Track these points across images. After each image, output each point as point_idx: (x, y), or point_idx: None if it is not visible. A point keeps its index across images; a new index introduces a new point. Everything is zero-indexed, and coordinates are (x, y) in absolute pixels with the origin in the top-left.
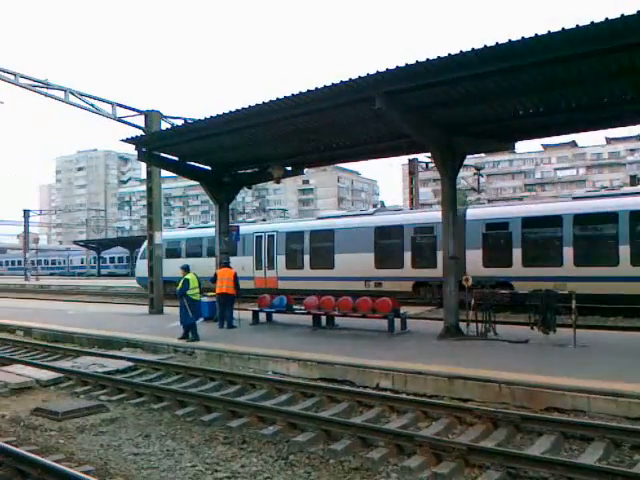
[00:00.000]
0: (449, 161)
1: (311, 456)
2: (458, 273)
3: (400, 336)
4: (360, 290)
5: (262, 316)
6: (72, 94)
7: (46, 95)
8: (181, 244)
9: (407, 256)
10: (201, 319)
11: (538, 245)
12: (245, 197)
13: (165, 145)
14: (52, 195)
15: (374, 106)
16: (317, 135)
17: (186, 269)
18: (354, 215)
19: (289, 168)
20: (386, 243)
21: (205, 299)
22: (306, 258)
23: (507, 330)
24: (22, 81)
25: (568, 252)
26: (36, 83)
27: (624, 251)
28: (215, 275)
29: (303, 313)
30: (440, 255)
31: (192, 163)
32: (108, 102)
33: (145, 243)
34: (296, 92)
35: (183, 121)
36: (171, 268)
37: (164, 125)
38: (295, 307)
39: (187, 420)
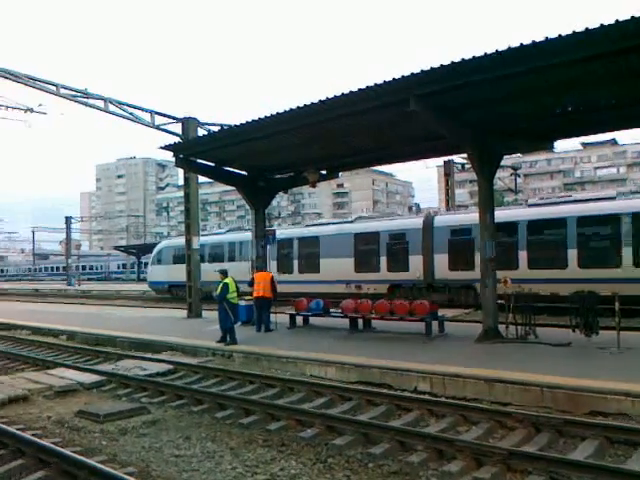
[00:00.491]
0: (486, 162)
1: (350, 459)
2: (496, 275)
3: (438, 339)
4: (342, 292)
5: (299, 319)
6: (111, 103)
7: (86, 105)
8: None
9: (383, 260)
10: (239, 322)
11: (498, 249)
12: (280, 202)
13: (202, 151)
14: (93, 202)
15: (408, 108)
16: (351, 138)
17: (224, 273)
18: (337, 223)
19: (324, 172)
20: (364, 249)
21: (242, 303)
22: (295, 263)
23: (548, 333)
24: (63, 91)
25: (523, 256)
26: (76, 93)
27: (572, 254)
28: (252, 279)
29: (340, 316)
30: (411, 259)
31: (228, 168)
32: (147, 110)
33: (155, 249)
34: (330, 96)
35: (219, 127)
36: (177, 274)
37: (201, 132)
38: (332, 310)
39: (226, 423)
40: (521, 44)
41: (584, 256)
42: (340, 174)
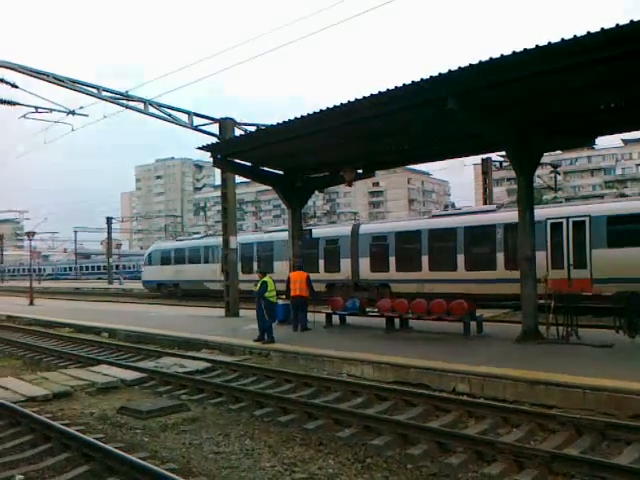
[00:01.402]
0: (525, 159)
1: (388, 460)
2: (536, 274)
3: (476, 339)
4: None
5: (335, 318)
6: (151, 105)
7: (127, 107)
8: (176, 253)
9: (321, 263)
10: (276, 321)
11: (406, 254)
12: (316, 201)
13: (239, 151)
14: (133, 202)
15: (446, 106)
16: (388, 137)
17: (263, 272)
18: (284, 230)
19: (360, 171)
20: (307, 252)
21: (279, 302)
22: (254, 265)
23: (590, 334)
24: (104, 94)
25: (425, 260)
26: (117, 96)
27: (460, 259)
28: (288, 278)
29: (376, 316)
30: (342, 262)
31: (265, 168)
32: (185, 111)
33: (146, 252)
34: (366, 95)
35: (255, 127)
36: (164, 273)
37: (237, 132)
38: (368, 309)
39: (265, 420)
40: (562, 39)
41: (469, 260)
42: (376, 173)
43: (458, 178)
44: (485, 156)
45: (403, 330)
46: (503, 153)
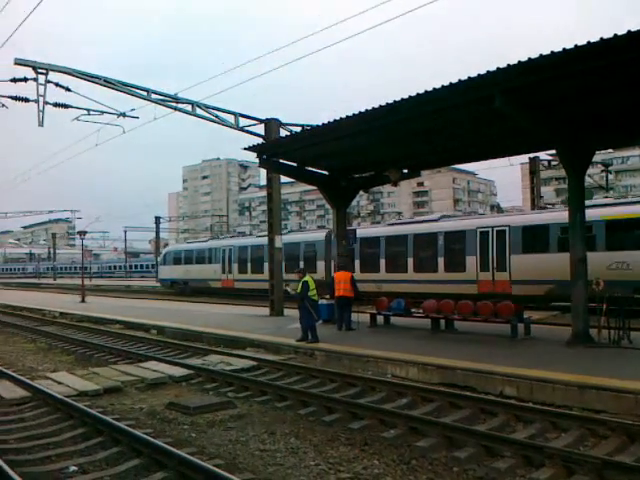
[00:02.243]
0: (576, 158)
1: (434, 462)
2: (587, 276)
3: (524, 342)
4: None
5: (379, 319)
6: (199, 107)
7: (175, 109)
8: (186, 254)
9: (301, 264)
10: (320, 321)
11: (369, 257)
12: (360, 201)
13: (284, 152)
14: (179, 202)
15: (493, 105)
16: (434, 136)
17: (302, 272)
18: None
19: (405, 170)
20: (290, 255)
21: (323, 301)
22: (248, 265)
23: None
24: (154, 96)
25: (382, 262)
26: (166, 98)
27: (410, 262)
28: (332, 278)
29: (422, 316)
30: (318, 264)
31: (310, 168)
32: (231, 113)
33: (164, 251)
34: (412, 94)
35: (300, 128)
36: (176, 272)
37: (283, 132)
38: (413, 310)
39: (309, 419)
40: (615, 35)
41: (417, 263)
42: (421, 172)
43: (505, 178)
44: (533, 155)
45: (448, 331)
46: (552, 152)
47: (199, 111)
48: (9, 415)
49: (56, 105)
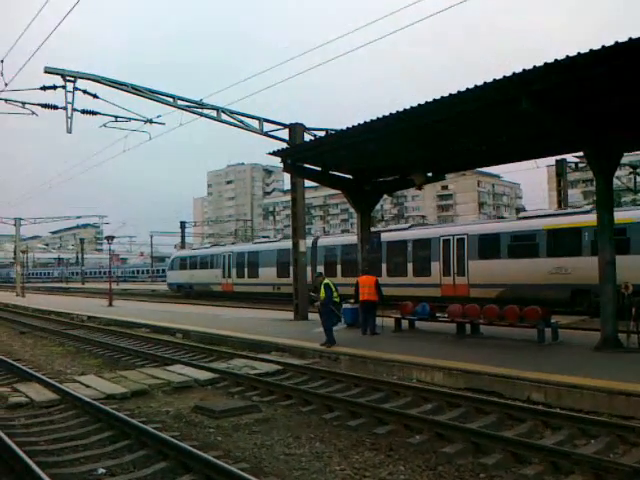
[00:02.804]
0: (604, 160)
1: (460, 468)
2: (615, 280)
3: (551, 347)
4: (270, 292)
5: (404, 323)
6: (224, 112)
7: (201, 114)
8: (190, 259)
9: (291, 269)
10: (344, 325)
11: (349, 262)
12: (384, 205)
13: (308, 156)
14: (204, 207)
15: (520, 106)
16: (459, 139)
17: (322, 276)
18: (268, 242)
19: (430, 174)
20: (282, 261)
21: (348, 306)
22: (246, 270)
23: None
24: (180, 103)
25: (318, 268)
26: (191, 104)
27: (384, 267)
28: (357, 282)
29: (447, 321)
30: (307, 268)
31: (334, 172)
32: (256, 118)
33: (171, 257)
34: (437, 97)
35: (324, 132)
36: (182, 277)
37: (307, 137)
38: (438, 315)
39: (334, 424)
40: None
41: (389, 268)
42: (445, 176)
43: (531, 180)
44: (560, 157)
45: (474, 336)
46: (579, 154)
47: (224, 117)
48: (39, 417)
49: (84, 112)
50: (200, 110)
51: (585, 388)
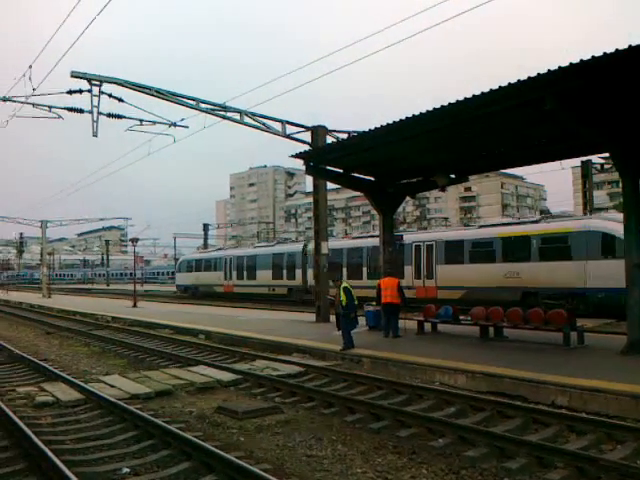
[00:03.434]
0: (631, 161)
1: (484, 473)
2: None
3: (577, 350)
4: (266, 293)
5: (427, 326)
6: (246, 115)
7: (224, 117)
8: (196, 262)
9: (284, 272)
10: (366, 327)
11: (330, 266)
12: (406, 207)
13: (330, 158)
14: (227, 210)
15: (545, 107)
16: (482, 141)
17: (339, 279)
18: (264, 246)
19: (453, 176)
20: (276, 264)
21: (370, 308)
22: (244, 272)
23: None
24: (203, 106)
25: (344, 271)
26: (215, 107)
27: (364, 270)
28: (379, 285)
29: (470, 324)
30: (297, 272)
31: (356, 174)
32: (278, 120)
33: (179, 260)
34: (460, 98)
35: (347, 134)
36: (188, 279)
37: (329, 139)
38: (461, 317)
39: (356, 426)
40: None
41: (349, 272)
42: (469, 177)
43: (556, 182)
44: (585, 158)
45: (497, 339)
46: (605, 155)
47: (247, 119)
48: (65, 417)
49: (110, 115)
50: (223, 113)
51: (610, 392)
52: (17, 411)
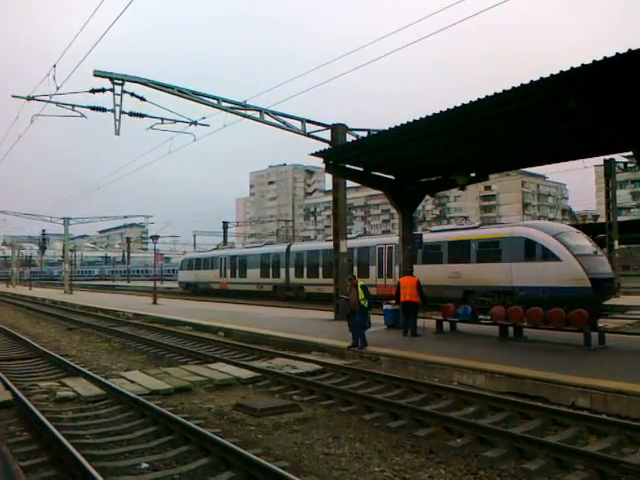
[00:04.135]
0: None
1: (502, 474)
2: None
3: (598, 351)
4: (255, 290)
5: (446, 325)
6: (267, 114)
7: (244, 116)
8: (196, 261)
9: (270, 271)
10: (384, 326)
11: (312, 265)
12: (425, 205)
13: (350, 157)
14: (247, 208)
15: (568, 105)
16: (503, 139)
17: (355, 278)
18: (254, 247)
19: (473, 174)
20: (265, 263)
21: (388, 307)
22: (237, 271)
23: None
24: (224, 104)
25: (320, 270)
26: (235, 106)
27: (320, 271)
28: (398, 284)
29: (489, 323)
30: (281, 270)
31: (376, 173)
32: (298, 119)
33: (181, 258)
34: (481, 96)
35: (367, 132)
36: (189, 276)
37: (349, 138)
38: (481, 317)
39: (374, 425)
40: None
41: (326, 272)
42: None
43: (578, 181)
44: (608, 157)
45: (517, 339)
46: (628, 153)
47: (267, 118)
48: (85, 412)
49: (131, 114)
50: (244, 111)
51: (632, 394)
52: (39, 405)
